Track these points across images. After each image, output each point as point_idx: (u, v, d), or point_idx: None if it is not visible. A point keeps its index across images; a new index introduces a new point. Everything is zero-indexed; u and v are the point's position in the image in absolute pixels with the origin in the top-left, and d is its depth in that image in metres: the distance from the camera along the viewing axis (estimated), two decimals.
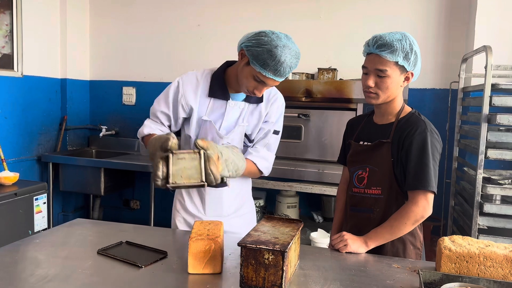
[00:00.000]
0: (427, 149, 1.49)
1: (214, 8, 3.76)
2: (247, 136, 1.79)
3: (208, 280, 1.23)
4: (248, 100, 1.75)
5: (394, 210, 1.54)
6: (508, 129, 2.59)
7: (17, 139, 3.53)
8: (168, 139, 1.31)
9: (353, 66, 3.05)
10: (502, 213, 2.50)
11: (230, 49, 1.64)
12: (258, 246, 1.14)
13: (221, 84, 1.72)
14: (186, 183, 1.29)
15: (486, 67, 2.48)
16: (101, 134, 4.01)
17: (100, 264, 1.34)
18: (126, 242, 1.50)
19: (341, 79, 3.13)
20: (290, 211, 3.22)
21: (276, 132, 1.80)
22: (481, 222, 2.53)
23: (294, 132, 3.02)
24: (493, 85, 2.50)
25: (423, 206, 1.48)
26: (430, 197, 1.49)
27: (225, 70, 1.74)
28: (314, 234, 2.59)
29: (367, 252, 1.52)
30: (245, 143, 1.80)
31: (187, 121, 1.77)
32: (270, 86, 1.63)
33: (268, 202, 3.45)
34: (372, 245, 1.52)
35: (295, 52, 1.55)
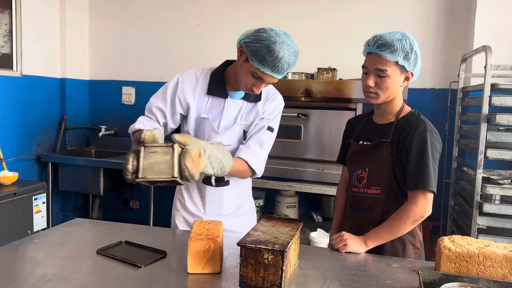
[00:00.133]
0: (427, 148, 1.49)
1: (213, 8, 3.76)
2: (245, 134, 1.78)
3: (207, 280, 1.23)
4: (246, 98, 1.75)
5: (394, 210, 1.54)
6: (507, 129, 2.60)
7: (16, 139, 3.52)
8: (143, 131, 1.26)
9: (352, 66, 3.05)
10: (502, 213, 2.50)
11: (229, 49, 1.64)
12: (257, 246, 1.14)
13: (219, 82, 1.72)
14: (156, 178, 1.22)
15: (485, 67, 2.48)
16: (100, 134, 4.00)
17: (99, 264, 1.33)
18: (125, 242, 1.50)
19: (340, 79, 3.13)
20: (289, 211, 3.22)
21: (270, 128, 1.76)
22: (480, 222, 2.54)
23: (293, 132, 3.02)
24: (492, 85, 2.50)
25: (423, 206, 1.48)
26: (430, 196, 1.49)
27: (224, 68, 1.75)
28: (313, 234, 2.59)
29: (367, 252, 1.52)
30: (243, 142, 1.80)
31: (186, 118, 1.77)
32: (268, 84, 1.62)
33: (267, 202, 3.45)
34: (371, 245, 1.52)
35: (294, 49, 1.55)
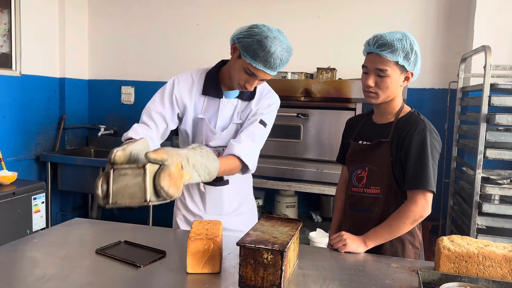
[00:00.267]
0: (427, 148, 1.49)
1: (213, 7, 3.76)
2: None
3: (207, 279, 1.23)
4: (240, 97, 1.74)
5: (393, 209, 1.53)
6: (507, 129, 2.60)
7: (15, 138, 3.52)
8: (112, 151, 1.13)
9: (352, 66, 3.05)
10: (501, 213, 2.50)
11: (229, 48, 1.63)
12: (257, 246, 1.14)
13: (214, 82, 1.71)
14: (128, 203, 1.10)
15: (485, 67, 2.48)
16: (99, 134, 4.00)
17: (98, 263, 1.33)
18: (124, 241, 1.50)
19: (340, 79, 3.13)
20: (289, 211, 3.22)
21: (262, 122, 1.70)
22: (479, 222, 2.54)
23: (293, 131, 3.02)
24: (492, 85, 2.50)
25: (422, 205, 1.48)
26: (429, 196, 1.49)
27: (219, 68, 1.74)
28: (313, 234, 2.60)
29: (366, 251, 1.52)
30: None
31: (181, 119, 1.76)
32: (261, 80, 1.60)
33: (267, 202, 3.45)
34: (371, 244, 1.52)
35: (286, 45, 1.53)
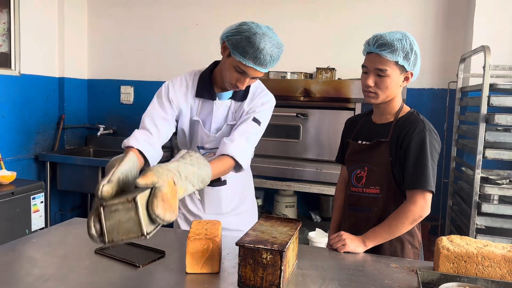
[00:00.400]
0: (426, 148, 1.49)
1: (212, 7, 3.76)
2: None
3: (206, 279, 1.23)
4: (234, 97, 1.72)
5: (393, 209, 1.53)
6: (506, 129, 2.60)
7: (14, 138, 3.51)
8: (98, 187, 1.03)
9: (351, 66, 3.05)
10: (500, 213, 2.51)
11: None
12: (256, 246, 1.14)
13: (207, 84, 1.70)
14: (125, 239, 1.04)
15: (484, 67, 2.48)
16: (99, 133, 4.00)
17: (97, 263, 1.33)
18: None
19: (339, 79, 3.13)
20: (288, 211, 3.22)
21: (256, 120, 1.66)
22: (479, 222, 2.54)
23: (292, 131, 3.02)
24: (491, 85, 2.50)
25: (421, 205, 1.48)
26: (429, 196, 1.49)
27: (212, 70, 1.72)
28: (312, 234, 2.60)
29: (365, 251, 1.52)
30: None
31: (180, 120, 1.75)
32: (253, 79, 1.58)
33: (266, 202, 3.45)
34: (370, 244, 1.52)
35: (276, 42, 1.51)
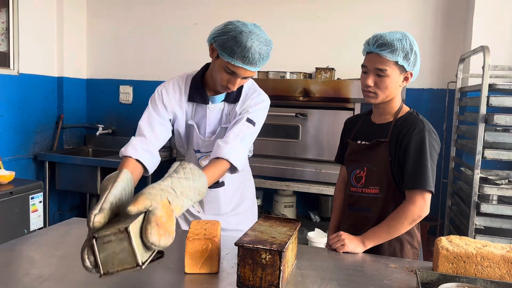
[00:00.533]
0: (425, 148, 1.49)
1: (211, 7, 3.75)
2: None
3: (204, 280, 1.22)
4: (227, 100, 1.69)
5: (392, 209, 1.53)
6: (505, 129, 2.60)
7: (13, 138, 3.51)
8: (89, 217, 1.02)
9: (350, 66, 3.05)
10: (499, 213, 2.51)
11: None
12: (255, 246, 1.14)
13: (199, 88, 1.66)
14: (120, 270, 1.02)
15: (483, 67, 2.48)
16: (97, 133, 3.99)
17: None
18: None
19: (338, 79, 3.13)
20: (287, 211, 3.22)
21: (250, 121, 1.62)
22: (478, 222, 2.54)
23: (291, 131, 3.02)
24: (490, 85, 2.50)
25: (421, 205, 1.48)
26: (428, 196, 1.49)
27: (204, 73, 1.68)
28: (311, 234, 2.59)
29: (364, 251, 1.52)
30: None
31: (175, 124, 1.73)
32: (244, 79, 1.54)
33: (265, 202, 3.44)
34: (369, 244, 1.52)
35: (264, 39, 1.47)
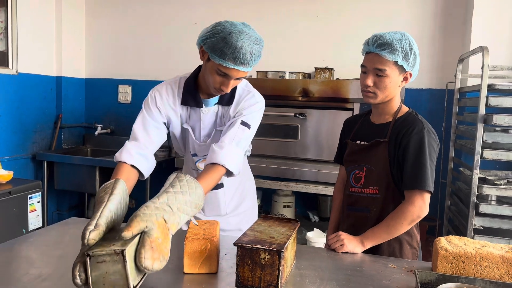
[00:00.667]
0: (424, 148, 1.49)
1: (210, 6, 3.75)
2: None
3: (203, 280, 1.22)
4: (220, 102, 1.67)
5: (391, 209, 1.53)
6: (504, 129, 2.60)
7: (11, 137, 3.50)
8: (84, 233, 0.98)
9: (350, 66, 3.05)
10: (498, 213, 2.51)
11: None
12: (254, 246, 1.14)
13: (192, 91, 1.64)
14: None
15: (482, 68, 2.48)
16: (96, 133, 3.99)
17: None
18: None
19: (338, 79, 3.13)
20: (286, 211, 3.22)
21: (245, 124, 1.59)
22: (476, 222, 2.54)
23: (290, 131, 3.02)
24: (489, 85, 2.50)
25: (420, 206, 1.48)
26: (427, 197, 1.49)
27: (197, 75, 1.66)
28: (310, 234, 2.60)
29: (364, 252, 1.52)
30: None
31: (170, 127, 1.71)
32: (237, 79, 1.52)
33: (264, 202, 3.44)
34: (368, 245, 1.52)
35: (255, 37, 1.44)
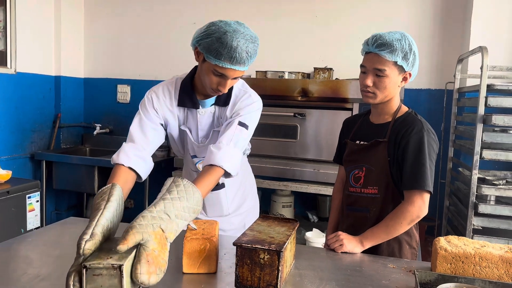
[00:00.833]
0: (424, 148, 1.49)
1: (209, 6, 3.74)
2: None
3: (203, 279, 1.22)
4: (217, 103, 1.65)
5: (391, 209, 1.53)
6: (503, 129, 2.60)
7: (10, 137, 3.49)
8: (80, 242, 0.94)
9: (349, 66, 3.05)
10: (497, 213, 2.51)
11: None
12: (253, 246, 1.13)
13: (188, 92, 1.63)
14: None
15: (481, 68, 2.48)
16: (95, 132, 3.98)
17: None
18: None
19: (337, 79, 3.13)
20: (285, 211, 3.21)
21: (242, 124, 1.57)
22: (475, 222, 2.54)
23: (290, 131, 3.01)
24: (488, 85, 2.51)
25: (419, 206, 1.48)
26: (426, 197, 1.49)
27: (193, 76, 1.64)
28: (309, 234, 2.59)
29: (363, 252, 1.51)
30: None
31: (168, 128, 1.70)
32: (234, 79, 1.50)
33: (263, 202, 3.42)
34: (367, 245, 1.52)
35: (250, 36, 1.42)
